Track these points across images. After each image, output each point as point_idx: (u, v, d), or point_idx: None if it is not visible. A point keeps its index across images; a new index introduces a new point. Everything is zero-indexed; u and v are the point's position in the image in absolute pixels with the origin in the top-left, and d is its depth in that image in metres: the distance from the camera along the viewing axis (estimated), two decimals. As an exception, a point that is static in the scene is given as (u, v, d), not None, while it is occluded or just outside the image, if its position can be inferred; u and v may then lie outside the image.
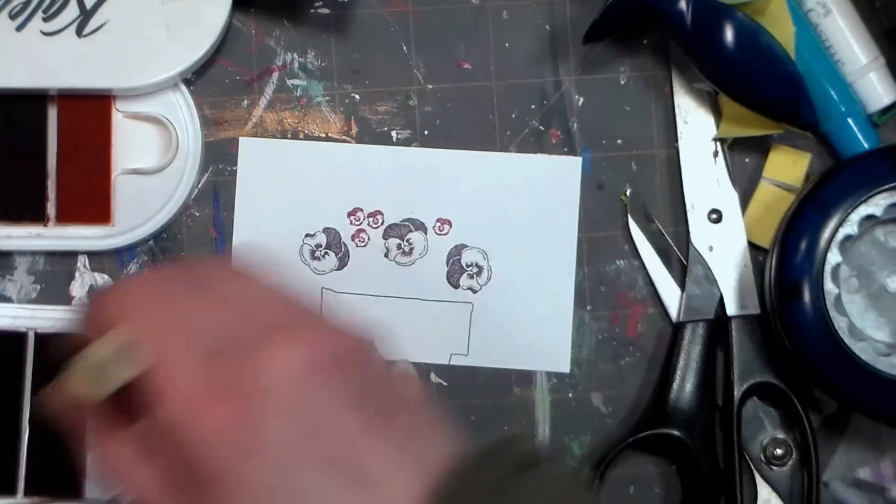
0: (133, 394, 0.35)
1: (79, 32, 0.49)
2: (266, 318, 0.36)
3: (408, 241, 0.51)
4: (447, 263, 0.51)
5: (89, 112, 0.51)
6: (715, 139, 0.51)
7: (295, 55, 0.52)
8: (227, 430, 0.33)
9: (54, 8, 0.49)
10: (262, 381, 0.33)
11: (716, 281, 0.51)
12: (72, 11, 0.49)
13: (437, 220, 0.51)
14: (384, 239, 0.51)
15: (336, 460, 0.33)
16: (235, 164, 0.52)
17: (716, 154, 0.51)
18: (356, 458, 0.33)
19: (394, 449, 0.34)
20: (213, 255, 0.50)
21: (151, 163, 0.51)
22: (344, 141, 0.52)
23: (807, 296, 0.46)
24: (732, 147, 0.51)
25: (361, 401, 0.34)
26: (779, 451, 0.50)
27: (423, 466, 0.34)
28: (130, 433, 0.36)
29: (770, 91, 0.48)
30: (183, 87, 0.51)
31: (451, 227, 0.51)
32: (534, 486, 0.34)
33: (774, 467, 0.50)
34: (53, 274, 0.52)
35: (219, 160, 0.52)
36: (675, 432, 0.49)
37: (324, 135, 0.52)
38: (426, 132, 0.52)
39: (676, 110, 0.51)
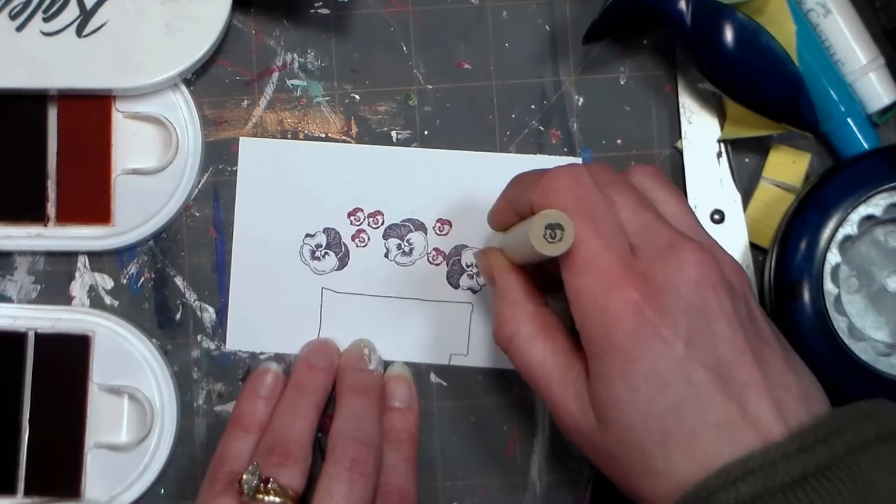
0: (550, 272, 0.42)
1: (79, 32, 0.49)
2: (681, 228, 0.40)
3: (408, 241, 0.51)
4: (447, 263, 0.51)
5: (89, 112, 0.51)
6: (720, 140, 0.51)
7: (295, 55, 0.52)
8: (638, 310, 0.37)
9: (54, 8, 0.49)
10: (674, 278, 0.38)
11: (716, 281, 0.51)
12: (72, 11, 0.49)
13: (437, 220, 0.51)
14: (384, 239, 0.52)
15: (716, 366, 0.37)
16: (235, 164, 0.52)
17: (719, 154, 0.51)
18: (732, 371, 0.37)
19: (762, 375, 0.37)
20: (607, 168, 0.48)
21: (151, 163, 0.51)
22: (344, 141, 0.52)
23: (807, 296, 0.46)
24: (732, 147, 0.51)
25: (744, 325, 0.38)
26: (779, 451, 0.50)
27: (784, 402, 0.37)
28: (538, 309, 0.42)
29: (770, 91, 0.48)
30: (183, 87, 0.51)
31: (451, 227, 0.52)
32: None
33: (774, 467, 0.50)
34: (53, 274, 0.52)
35: (219, 160, 0.52)
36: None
37: (324, 135, 0.52)
38: (426, 132, 0.52)
39: (681, 110, 0.51)
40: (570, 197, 0.39)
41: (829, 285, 0.46)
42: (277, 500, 0.44)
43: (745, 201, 0.51)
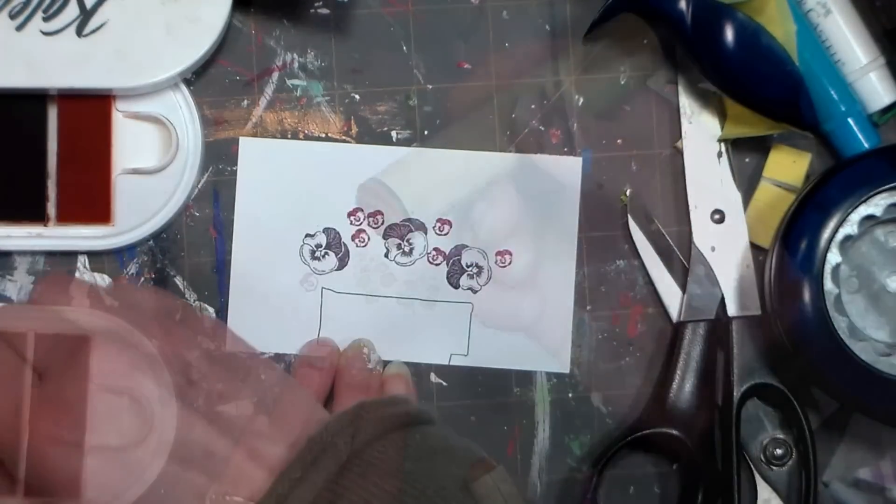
0: None
1: (79, 32, 0.49)
2: None
3: (408, 241, 0.51)
4: (447, 263, 0.51)
5: (89, 112, 0.51)
6: (720, 140, 0.51)
7: (295, 55, 0.52)
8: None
9: (54, 8, 0.49)
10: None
11: (717, 281, 0.51)
12: (72, 11, 0.49)
13: (437, 220, 0.51)
14: (384, 239, 0.51)
15: (178, 455, 0.36)
16: (235, 164, 0.52)
17: (720, 154, 0.51)
18: (199, 448, 0.36)
19: (227, 435, 0.37)
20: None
21: (151, 163, 0.51)
22: (344, 141, 0.52)
23: (807, 296, 0.46)
24: (732, 147, 0.51)
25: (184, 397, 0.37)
26: (779, 451, 0.50)
27: (259, 448, 0.37)
28: None
29: (770, 91, 0.48)
30: (183, 87, 0.51)
31: (451, 227, 0.51)
32: (393, 448, 0.36)
33: (774, 467, 0.50)
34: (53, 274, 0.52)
35: (219, 160, 0.52)
36: (675, 432, 0.50)
37: (324, 135, 0.52)
38: (426, 132, 0.52)
39: (681, 110, 0.51)
40: None
41: (829, 285, 0.46)
42: None
43: (746, 201, 0.51)
